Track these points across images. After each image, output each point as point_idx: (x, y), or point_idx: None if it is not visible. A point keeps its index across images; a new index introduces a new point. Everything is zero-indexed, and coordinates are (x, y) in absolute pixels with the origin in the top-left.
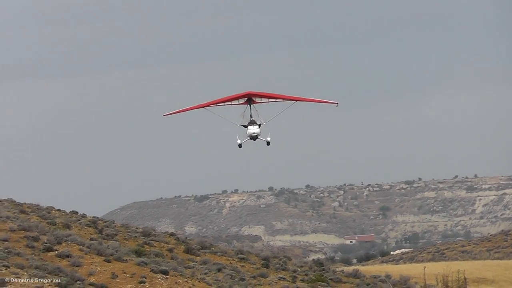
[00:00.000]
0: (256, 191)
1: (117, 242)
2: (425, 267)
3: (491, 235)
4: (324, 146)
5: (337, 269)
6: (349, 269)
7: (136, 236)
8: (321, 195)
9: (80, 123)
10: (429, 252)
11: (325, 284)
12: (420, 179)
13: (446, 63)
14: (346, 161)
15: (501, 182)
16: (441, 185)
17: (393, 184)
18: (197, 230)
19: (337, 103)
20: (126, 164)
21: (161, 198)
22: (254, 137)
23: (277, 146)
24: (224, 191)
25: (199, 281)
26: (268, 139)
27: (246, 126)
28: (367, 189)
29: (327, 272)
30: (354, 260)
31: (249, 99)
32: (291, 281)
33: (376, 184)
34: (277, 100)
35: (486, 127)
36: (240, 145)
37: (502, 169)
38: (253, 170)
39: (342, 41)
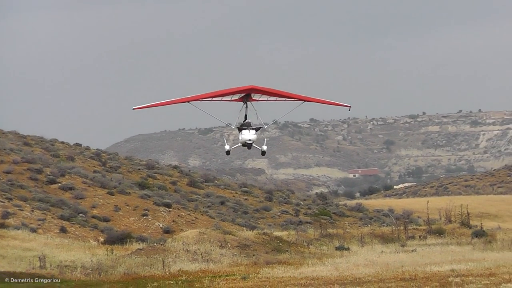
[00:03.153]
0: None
1: (121, 175)
2: (428, 202)
3: (494, 170)
4: (328, 79)
5: (340, 203)
6: (352, 203)
7: (139, 169)
8: (325, 128)
9: (87, 56)
10: (432, 187)
11: (328, 217)
12: (424, 113)
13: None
14: (350, 94)
15: (505, 117)
16: (445, 120)
17: (397, 118)
18: (201, 163)
19: (350, 106)
20: (131, 96)
21: (165, 130)
22: (249, 145)
23: (281, 78)
24: (229, 124)
25: (202, 214)
26: (264, 147)
27: (240, 129)
28: (371, 123)
29: (330, 205)
30: (357, 194)
31: (247, 95)
32: (294, 215)
33: (380, 118)
34: (280, 99)
35: (490, 62)
36: (228, 152)
37: (506, 104)
38: (257, 103)
39: None
